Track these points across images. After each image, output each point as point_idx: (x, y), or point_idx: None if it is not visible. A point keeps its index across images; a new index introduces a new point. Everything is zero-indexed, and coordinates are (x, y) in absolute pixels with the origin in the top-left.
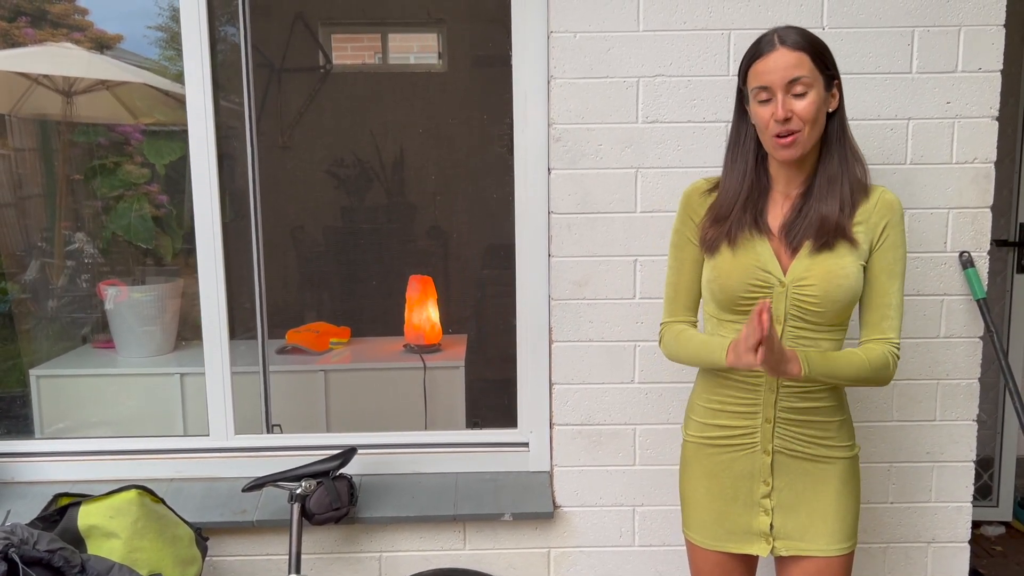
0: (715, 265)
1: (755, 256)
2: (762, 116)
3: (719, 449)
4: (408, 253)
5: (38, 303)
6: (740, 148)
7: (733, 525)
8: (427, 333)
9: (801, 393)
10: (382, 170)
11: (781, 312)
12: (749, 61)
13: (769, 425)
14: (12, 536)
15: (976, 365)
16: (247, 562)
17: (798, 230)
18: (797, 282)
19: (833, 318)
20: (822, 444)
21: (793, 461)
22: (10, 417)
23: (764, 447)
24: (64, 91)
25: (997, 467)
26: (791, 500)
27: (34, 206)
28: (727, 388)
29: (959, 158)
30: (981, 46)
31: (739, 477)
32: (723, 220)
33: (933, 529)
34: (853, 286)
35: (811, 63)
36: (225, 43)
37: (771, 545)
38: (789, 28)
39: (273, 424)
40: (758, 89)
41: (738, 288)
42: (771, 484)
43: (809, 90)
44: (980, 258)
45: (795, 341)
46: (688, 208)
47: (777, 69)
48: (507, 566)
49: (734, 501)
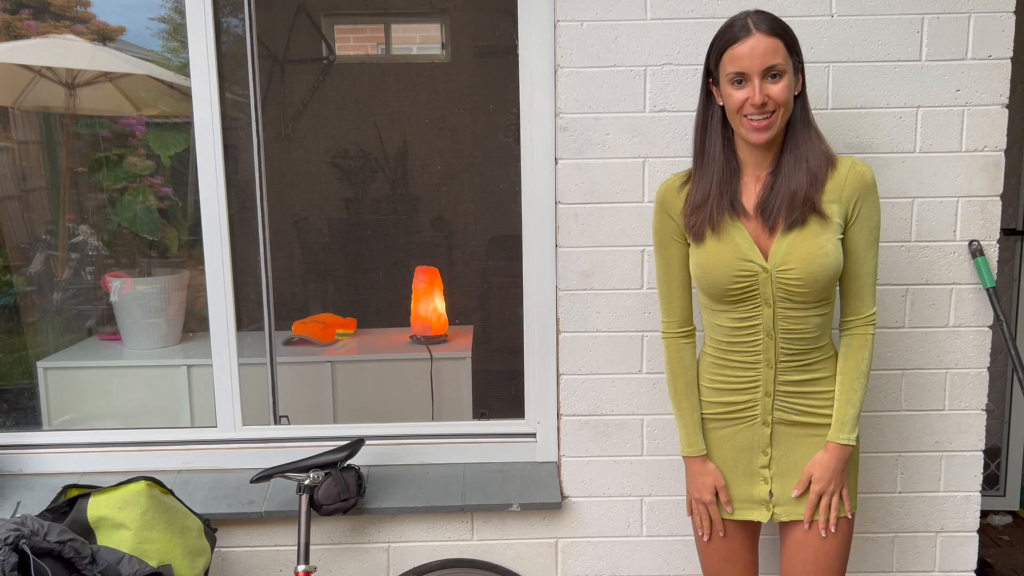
0: (699, 261)
1: (734, 246)
2: (736, 99)
3: (721, 423)
4: (414, 244)
5: (43, 296)
6: (709, 130)
7: (736, 494)
8: (434, 324)
9: (799, 367)
10: (386, 161)
11: (769, 295)
12: (724, 45)
13: (769, 398)
14: (22, 528)
15: (985, 354)
16: (255, 553)
17: (772, 207)
18: (779, 267)
19: (818, 295)
20: (819, 413)
21: (791, 431)
22: (18, 409)
23: (764, 419)
24: (67, 83)
25: (1005, 457)
26: (789, 468)
27: (38, 199)
28: (729, 368)
29: (968, 146)
30: (991, 33)
31: (740, 449)
32: (702, 206)
33: (942, 518)
34: (834, 263)
35: (785, 49)
36: (228, 34)
37: (771, 511)
38: (760, 13)
39: (280, 415)
40: (733, 73)
41: (724, 280)
42: (770, 454)
43: (783, 75)
44: (989, 247)
45: (786, 320)
46: (664, 206)
47: (755, 55)
48: (515, 556)
49: (735, 471)
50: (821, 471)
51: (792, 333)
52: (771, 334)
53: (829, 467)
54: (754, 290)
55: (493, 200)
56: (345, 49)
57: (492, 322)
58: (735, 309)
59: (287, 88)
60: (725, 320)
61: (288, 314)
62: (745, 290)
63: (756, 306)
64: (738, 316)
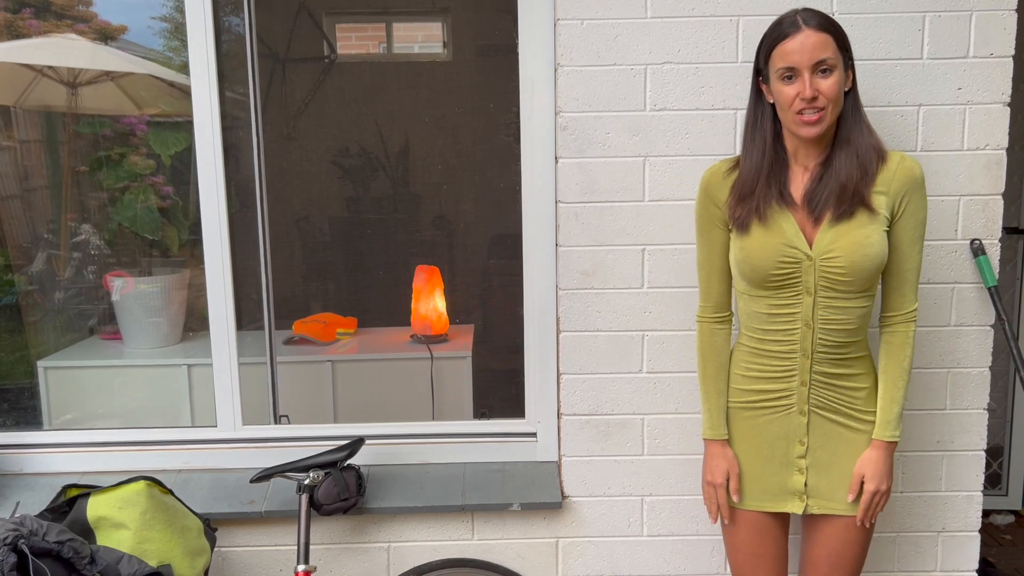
0: (743, 246)
1: (780, 233)
2: (787, 95)
3: (757, 412)
4: (414, 243)
5: (45, 295)
6: (758, 126)
7: (769, 484)
8: (434, 323)
9: (834, 360)
10: (387, 160)
11: (811, 284)
12: (773, 42)
13: (805, 388)
14: (21, 527)
15: (987, 353)
16: (255, 553)
17: (820, 198)
18: (824, 255)
19: (861, 285)
20: (853, 408)
21: (827, 422)
22: (18, 408)
23: (800, 408)
24: (68, 83)
25: (1007, 456)
26: (825, 460)
27: (40, 198)
28: (764, 357)
29: (970, 144)
30: (993, 31)
31: (776, 438)
32: (749, 196)
33: (944, 518)
34: (878, 254)
35: (834, 45)
36: (229, 33)
37: (804, 503)
38: (809, 10)
39: (281, 415)
40: (783, 69)
41: (767, 266)
42: (806, 444)
43: (833, 70)
44: (991, 245)
45: (826, 310)
46: (709, 192)
47: (805, 50)
48: (515, 556)
49: (770, 461)
50: (873, 469)
51: (831, 324)
52: (809, 324)
53: (881, 465)
54: (796, 277)
55: (493, 199)
56: (346, 48)
57: (492, 321)
58: (775, 296)
59: (288, 87)
60: (763, 307)
61: (288, 313)
62: (787, 277)
63: (797, 294)
64: (777, 303)
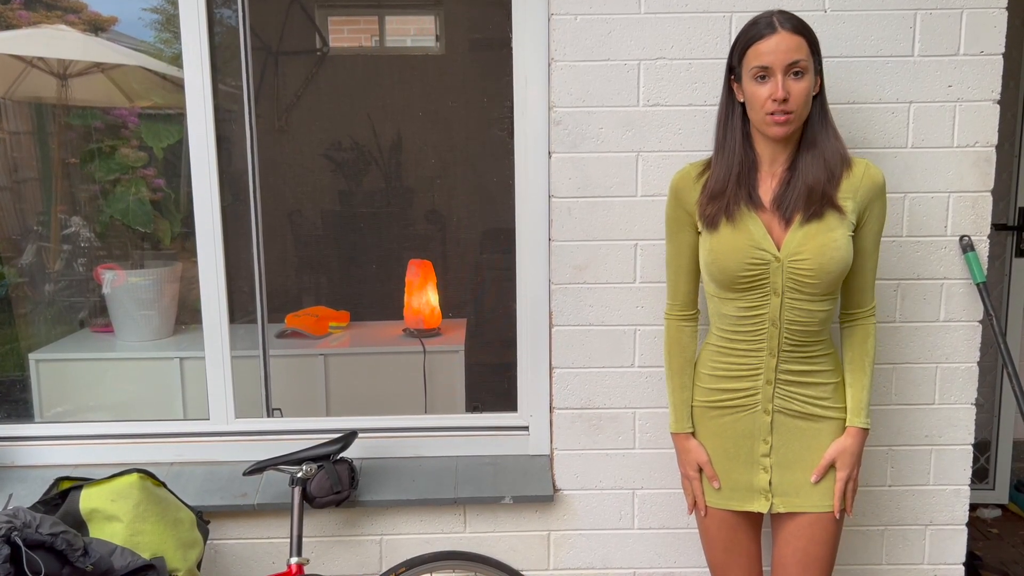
0: (712, 247)
1: (748, 235)
2: (759, 95)
3: (723, 411)
4: (407, 237)
5: (35, 287)
6: (729, 125)
7: (736, 483)
8: (427, 317)
9: (800, 358)
10: (380, 154)
11: (779, 285)
12: (748, 41)
13: (770, 387)
14: (15, 520)
15: (975, 349)
16: (248, 545)
17: (789, 201)
18: (792, 257)
19: (827, 288)
20: (818, 404)
21: (790, 420)
22: (10, 401)
23: (764, 407)
24: (59, 74)
25: (994, 450)
26: (788, 458)
27: (30, 190)
28: (731, 356)
29: (960, 142)
30: (983, 29)
31: (741, 436)
32: (720, 195)
33: (931, 512)
34: (844, 257)
35: (807, 48)
36: (222, 25)
37: (770, 502)
38: (784, 13)
39: (273, 408)
40: (757, 68)
41: (736, 268)
42: (770, 443)
43: (805, 73)
44: (980, 242)
45: (791, 311)
46: (679, 196)
47: (779, 51)
48: (507, 549)
49: (736, 460)
50: (845, 456)
51: (797, 324)
52: (776, 323)
53: (852, 452)
54: (764, 279)
55: (487, 193)
56: (339, 41)
57: (485, 315)
58: (743, 297)
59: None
60: (732, 309)
61: (281, 307)
62: (755, 278)
63: (764, 295)
64: (745, 305)
